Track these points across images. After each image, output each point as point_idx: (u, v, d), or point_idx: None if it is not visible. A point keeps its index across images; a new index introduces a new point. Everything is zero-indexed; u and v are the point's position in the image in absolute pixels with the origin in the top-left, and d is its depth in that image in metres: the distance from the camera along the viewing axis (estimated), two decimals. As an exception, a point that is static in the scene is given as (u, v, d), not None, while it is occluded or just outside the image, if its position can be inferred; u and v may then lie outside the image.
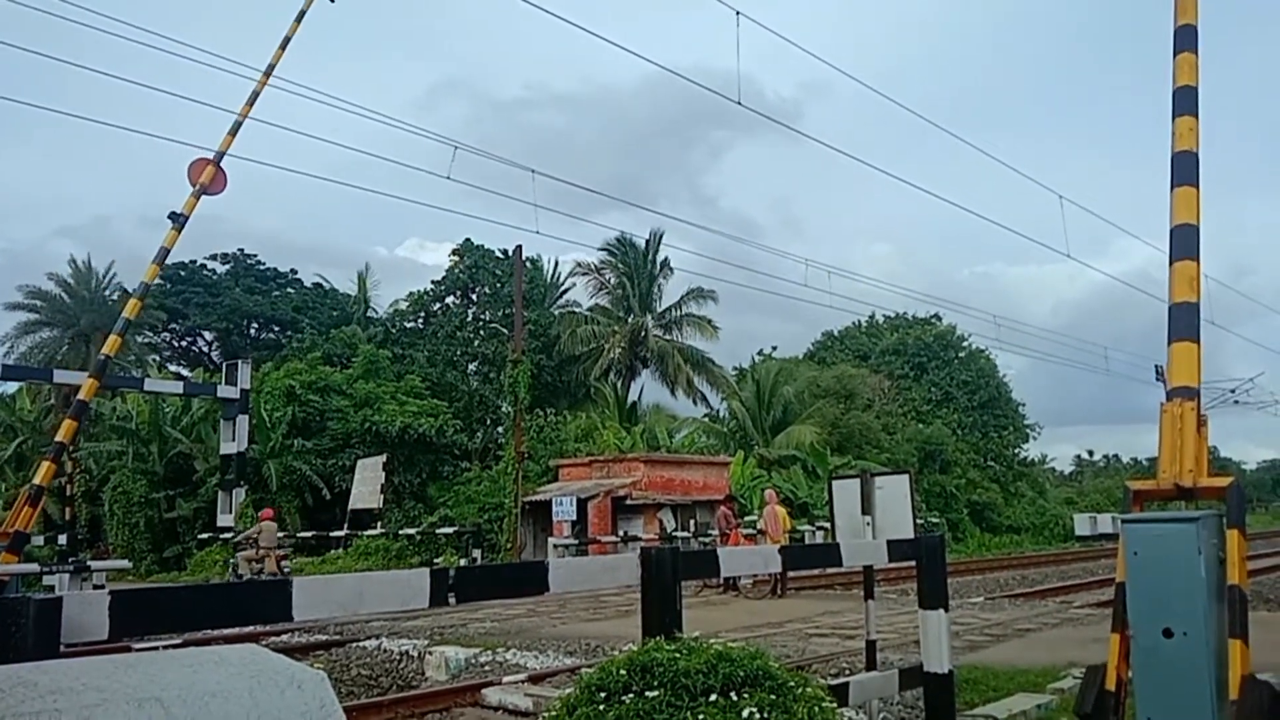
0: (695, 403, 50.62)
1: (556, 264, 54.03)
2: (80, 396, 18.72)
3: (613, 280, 51.47)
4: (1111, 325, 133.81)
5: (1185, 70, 7.17)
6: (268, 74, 18.84)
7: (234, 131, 19.17)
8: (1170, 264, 6.67)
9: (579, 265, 52.13)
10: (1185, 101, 7.07)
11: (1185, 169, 6.89)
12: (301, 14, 19.67)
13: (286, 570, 23.48)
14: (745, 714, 3.29)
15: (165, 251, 20.22)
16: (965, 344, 58.60)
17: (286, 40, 19.52)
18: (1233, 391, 43.97)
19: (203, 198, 19.37)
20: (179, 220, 19.89)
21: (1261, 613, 15.62)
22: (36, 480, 17.91)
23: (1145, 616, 6.21)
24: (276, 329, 53.40)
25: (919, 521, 7.69)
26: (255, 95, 18.93)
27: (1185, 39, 7.28)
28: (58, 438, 18.40)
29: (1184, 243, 6.66)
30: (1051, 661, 9.88)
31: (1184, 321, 6.50)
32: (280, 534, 31.21)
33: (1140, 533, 6.37)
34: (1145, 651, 6.19)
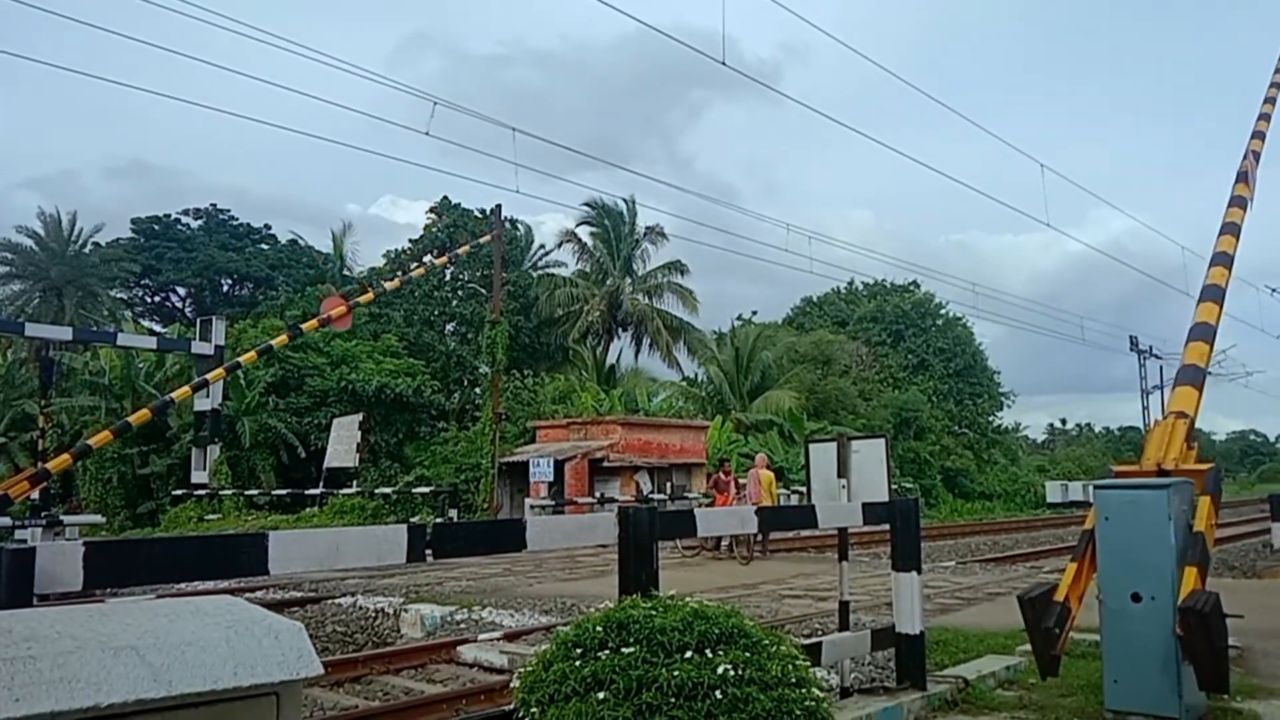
0: (670, 367, 50.69)
1: (536, 225, 53.71)
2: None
3: (591, 244, 51.23)
4: (1086, 294, 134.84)
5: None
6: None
7: (367, 286, 20.76)
8: (1187, 342, 8.41)
9: (563, 229, 51.89)
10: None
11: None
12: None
13: None
14: (720, 670, 3.31)
15: (270, 348, 26.38)
16: (943, 312, 58.91)
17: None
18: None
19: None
20: (296, 332, 26.58)
21: (1225, 579, 15.92)
22: (50, 466, 18.74)
23: (1114, 581, 6.32)
24: (251, 285, 52.89)
25: (893, 487, 7.74)
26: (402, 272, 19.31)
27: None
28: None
29: (1202, 331, 8.37)
30: (1021, 624, 10.01)
31: (1189, 376, 7.94)
32: (255, 491, 31.20)
33: (1112, 498, 6.45)
34: (1113, 615, 6.30)
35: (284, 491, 31.64)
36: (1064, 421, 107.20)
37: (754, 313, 59.55)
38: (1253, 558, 21.09)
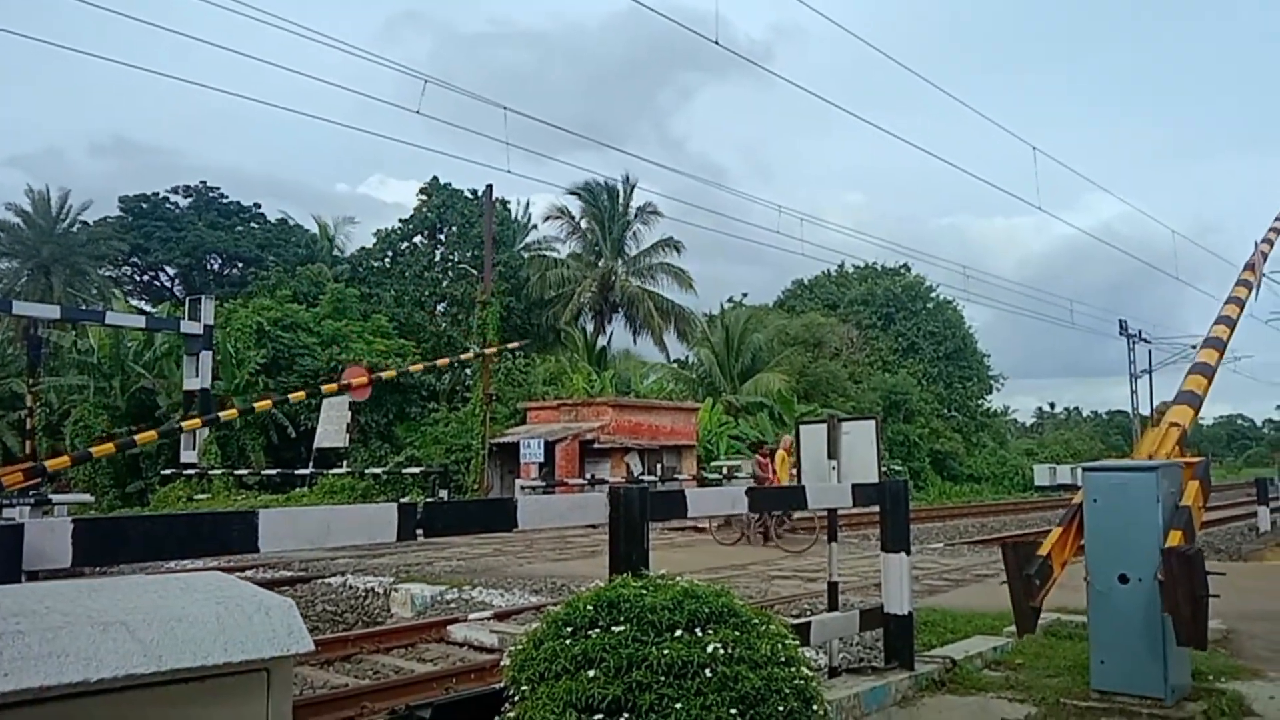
0: (661, 350, 50.69)
1: (528, 204, 53.44)
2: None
3: (584, 224, 51.10)
4: (1076, 278, 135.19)
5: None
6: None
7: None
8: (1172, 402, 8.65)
9: (554, 208, 51.65)
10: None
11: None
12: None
13: None
14: (710, 649, 3.33)
15: (287, 399, 26.78)
16: (933, 295, 59.01)
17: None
18: (1193, 348, 44.52)
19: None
20: (314, 389, 27.32)
21: (1211, 562, 16.03)
22: (48, 465, 19.04)
23: (1102, 562, 6.36)
24: (240, 265, 52.65)
25: (883, 469, 7.76)
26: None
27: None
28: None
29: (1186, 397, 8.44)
30: (1008, 606, 10.08)
31: (1186, 399, 8.21)
32: (244, 471, 31.16)
33: (1101, 480, 6.49)
34: (1100, 596, 6.35)
35: (274, 471, 31.61)
36: (1053, 405, 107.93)
37: (745, 295, 59.62)
38: (1238, 541, 21.25)
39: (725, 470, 33.76)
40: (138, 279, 53.87)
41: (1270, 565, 16.58)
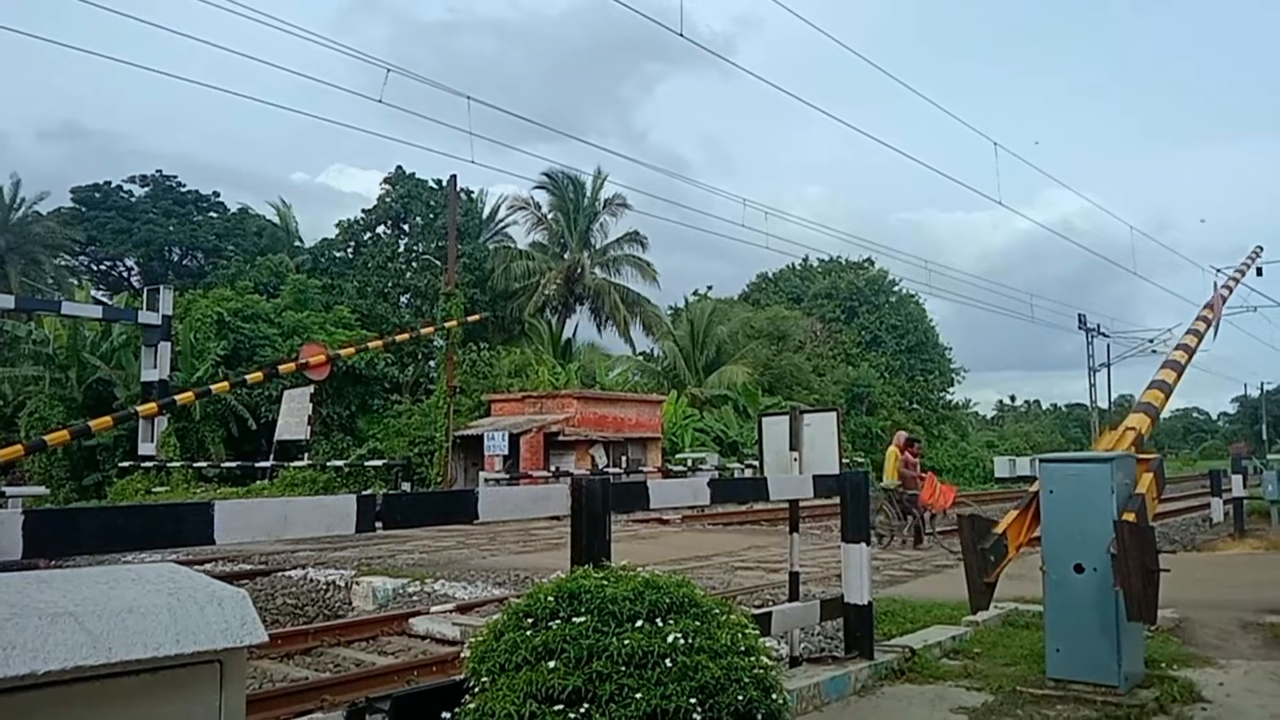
0: (626, 342, 50.70)
1: (483, 193, 52.96)
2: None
3: (550, 216, 50.90)
4: (1035, 272, 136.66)
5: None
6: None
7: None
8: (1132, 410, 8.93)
9: (517, 199, 51.38)
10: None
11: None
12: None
13: None
14: (670, 639, 3.34)
15: (244, 380, 26.76)
16: (896, 289, 59.46)
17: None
18: (1151, 341, 45.31)
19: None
20: (272, 372, 26.46)
21: (1165, 554, 16.32)
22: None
23: (1058, 552, 6.46)
24: (200, 255, 51.91)
25: (845, 460, 7.82)
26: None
27: None
28: None
29: (1145, 407, 8.72)
30: (966, 596, 10.20)
31: (1144, 409, 8.52)
32: (204, 463, 30.78)
33: (1057, 471, 6.59)
34: (1056, 585, 6.45)
35: (234, 464, 31.28)
36: (1013, 398, 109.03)
37: (709, 288, 59.77)
38: (1193, 531, 21.63)
39: (690, 463, 33.87)
40: (95, 268, 52.94)
41: (1223, 555, 16.90)
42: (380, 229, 46.41)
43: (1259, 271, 16.91)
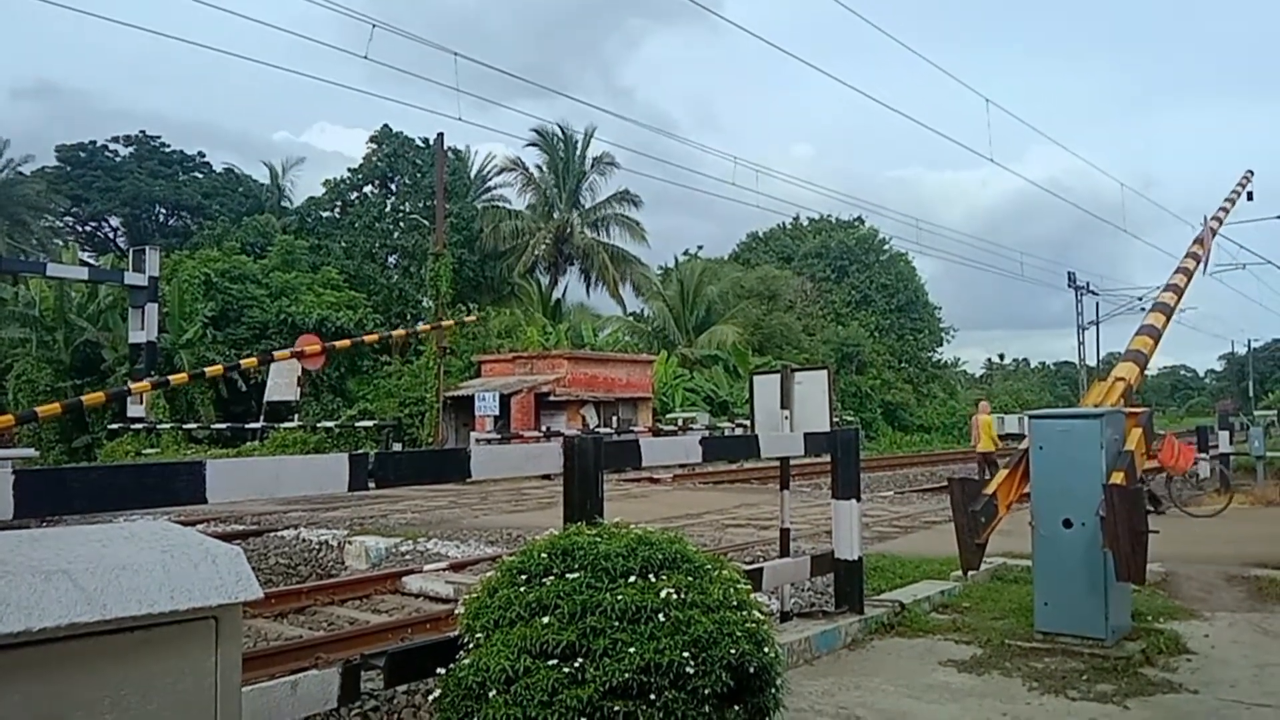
0: (616, 302, 50.58)
1: (470, 150, 52.48)
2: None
3: (539, 175, 50.50)
4: (1025, 230, 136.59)
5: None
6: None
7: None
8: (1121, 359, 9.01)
9: (506, 160, 50.91)
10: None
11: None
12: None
13: None
14: (663, 594, 3.36)
15: (239, 365, 26.30)
16: (886, 248, 59.38)
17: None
18: (1140, 299, 45.36)
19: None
20: (266, 360, 26.31)
21: (1153, 515, 16.46)
22: None
23: (1047, 507, 6.51)
24: (185, 215, 51.47)
25: (835, 418, 7.84)
26: None
27: None
28: None
29: (1134, 355, 8.76)
30: (956, 551, 10.30)
31: (1133, 357, 8.60)
32: (193, 425, 30.73)
33: (1047, 428, 6.62)
34: (1045, 540, 6.50)
35: (223, 425, 31.24)
36: (1002, 356, 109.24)
37: (700, 248, 59.54)
38: (1179, 488, 21.81)
39: (681, 422, 33.98)
40: (80, 229, 52.46)
41: (1209, 510, 17.06)
42: (368, 189, 46.02)
43: (1250, 196, 16.64)
